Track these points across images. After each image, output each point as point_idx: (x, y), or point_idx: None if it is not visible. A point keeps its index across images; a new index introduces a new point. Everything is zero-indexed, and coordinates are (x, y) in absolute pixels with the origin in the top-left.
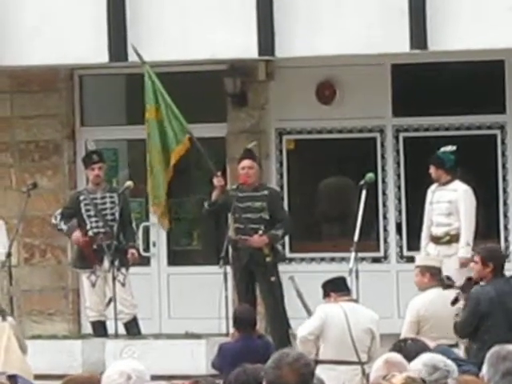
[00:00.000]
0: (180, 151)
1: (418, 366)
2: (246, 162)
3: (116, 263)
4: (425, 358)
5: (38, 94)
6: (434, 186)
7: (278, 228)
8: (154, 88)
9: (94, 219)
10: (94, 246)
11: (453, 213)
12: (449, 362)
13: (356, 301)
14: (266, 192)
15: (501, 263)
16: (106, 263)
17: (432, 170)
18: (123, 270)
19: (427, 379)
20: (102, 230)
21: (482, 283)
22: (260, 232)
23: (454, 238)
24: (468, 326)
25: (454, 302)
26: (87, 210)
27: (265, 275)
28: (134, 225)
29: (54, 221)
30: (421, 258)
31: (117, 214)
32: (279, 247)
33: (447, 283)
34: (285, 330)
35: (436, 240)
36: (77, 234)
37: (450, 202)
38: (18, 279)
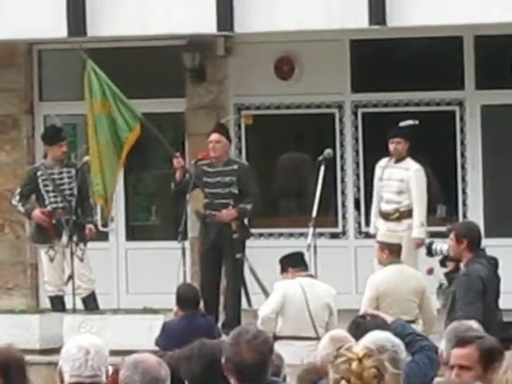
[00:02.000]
0: (132, 139)
1: (367, 345)
2: (214, 136)
3: (74, 238)
4: (372, 337)
5: None
6: (383, 162)
7: (248, 202)
8: (100, 81)
9: (52, 194)
10: (53, 221)
11: (404, 191)
12: (396, 340)
13: (313, 276)
14: (235, 166)
15: (476, 239)
16: (65, 238)
17: (399, 143)
18: (81, 245)
19: None
20: (60, 205)
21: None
22: (229, 207)
23: (403, 215)
24: (473, 304)
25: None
26: (45, 186)
27: (231, 251)
28: (91, 200)
29: (14, 202)
30: (380, 234)
31: (75, 190)
32: (247, 224)
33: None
34: (237, 309)
35: (386, 216)
36: (37, 212)
37: (402, 181)
38: None
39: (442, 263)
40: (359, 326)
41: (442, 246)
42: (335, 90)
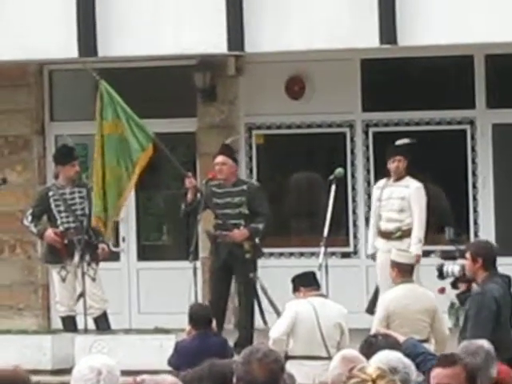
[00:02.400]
0: (144, 159)
1: (379, 365)
2: (220, 158)
3: (86, 258)
4: (383, 358)
5: (7, 89)
6: (381, 183)
7: (259, 222)
8: (113, 102)
9: (64, 214)
10: (65, 241)
11: (405, 209)
12: (407, 361)
13: (324, 296)
14: (244, 187)
15: (491, 258)
16: (76, 258)
17: (400, 161)
18: (93, 264)
19: None
20: (72, 225)
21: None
22: (241, 227)
23: (405, 234)
24: (484, 324)
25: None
26: (57, 206)
27: (243, 271)
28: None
29: (25, 222)
30: (393, 253)
31: (86, 209)
32: (259, 243)
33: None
34: (250, 328)
35: (387, 235)
36: (49, 233)
37: (403, 199)
38: None
39: (454, 285)
40: (371, 345)
41: (454, 267)
42: (346, 110)
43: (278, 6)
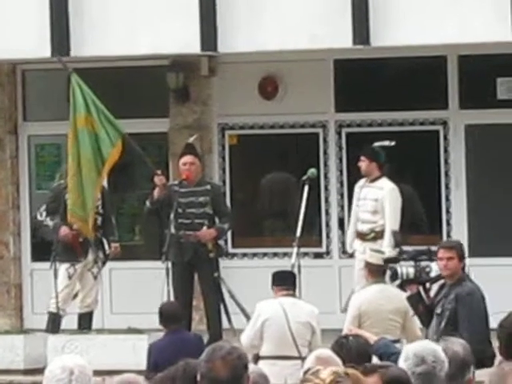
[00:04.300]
0: (115, 155)
1: (409, 353)
2: (188, 158)
3: (100, 256)
4: (417, 347)
5: None
6: (361, 182)
7: (224, 222)
8: (84, 96)
9: None
10: (80, 239)
11: (378, 211)
12: (441, 357)
13: (294, 295)
14: (208, 187)
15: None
16: (90, 256)
17: (364, 162)
18: (99, 263)
19: (411, 370)
20: None
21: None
22: (205, 227)
23: (378, 235)
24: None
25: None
26: None
27: (208, 271)
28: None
29: (39, 217)
30: (366, 253)
31: (100, 207)
32: (221, 242)
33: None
34: (219, 327)
35: (362, 236)
36: (65, 229)
37: (376, 200)
38: None
39: (401, 287)
40: (342, 346)
41: (408, 269)
42: (319, 110)
43: (251, 6)
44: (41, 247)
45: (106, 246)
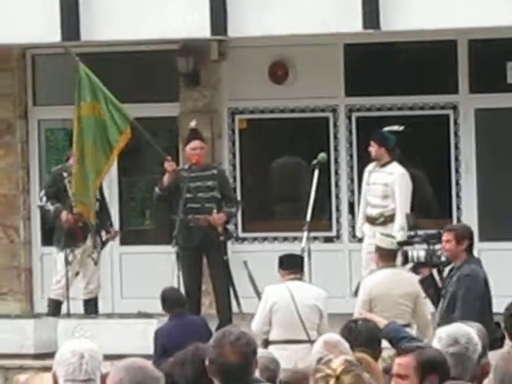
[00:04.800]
0: (123, 142)
1: (442, 333)
2: (197, 143)
3: (99, 241)
4: (452, 328)
5: None
6: (371, 166)
7: (231, 206)
8: (92, 84)
9: None
10: (80, 224)
11: (388, 195)
12: (475, 339)
13: (301, 279)
14: (214, 171)
15: (472, 240)
16: (89, 241)
17: (374, 147)
18: (99, 248)
19: (444, 350)
20: None
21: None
22: (215, 211)
23: (388, 219)
24: (472, 305)
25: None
26: (71, 188)
27: (218, 255)
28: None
29: (39, 203)
30: (376, 238)
31: (97, 192)
32: (230, 226)
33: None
34: (229, 311)
35: (371, 221)
36: (65, 214)
37: (386, 185)
38: None
39: (414, 270)
40: (351, 330)
41: (419, 252)
42: (329, 94)
43: None
44: (50, 232)
45: (103, 232)
